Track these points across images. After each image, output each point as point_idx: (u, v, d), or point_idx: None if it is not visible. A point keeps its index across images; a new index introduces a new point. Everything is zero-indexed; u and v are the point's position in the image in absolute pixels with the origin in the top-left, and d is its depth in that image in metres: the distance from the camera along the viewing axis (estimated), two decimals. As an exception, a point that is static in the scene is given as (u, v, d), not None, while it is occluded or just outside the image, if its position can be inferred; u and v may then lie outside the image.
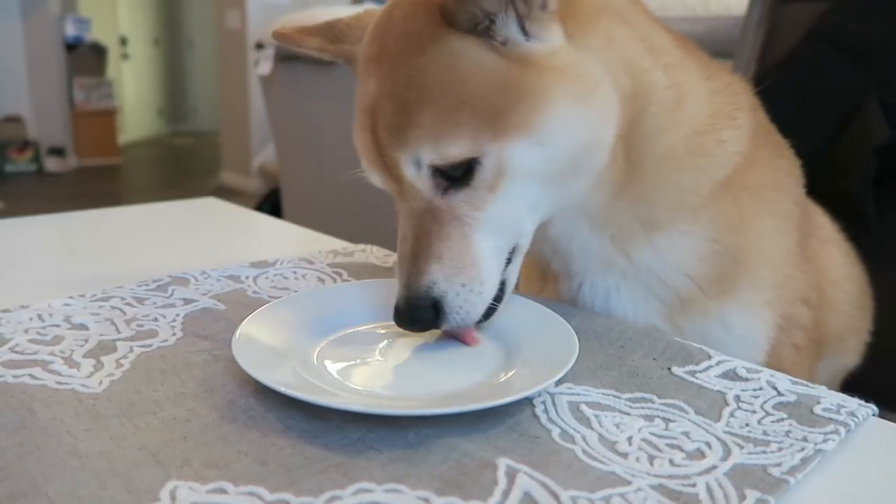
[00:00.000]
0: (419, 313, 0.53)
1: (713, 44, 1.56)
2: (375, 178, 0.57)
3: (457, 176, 0.52)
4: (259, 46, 2.42)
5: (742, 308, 0.64)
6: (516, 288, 0.60)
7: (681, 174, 0.61)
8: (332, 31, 0.65)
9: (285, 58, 2.31)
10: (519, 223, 0.55)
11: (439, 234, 0.53)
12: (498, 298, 0.55)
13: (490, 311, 0.55)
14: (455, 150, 0.51)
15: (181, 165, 7.16)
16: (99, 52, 6.61)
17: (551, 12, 0.52)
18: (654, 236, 0.62)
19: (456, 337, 0.56)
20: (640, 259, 0.62)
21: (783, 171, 0.68)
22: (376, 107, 0.53)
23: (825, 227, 0.81)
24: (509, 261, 0.56)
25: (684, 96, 0.60)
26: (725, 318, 0.64)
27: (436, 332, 0.57)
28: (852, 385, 0.86)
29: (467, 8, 0.51)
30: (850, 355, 0.83)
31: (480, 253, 0.53)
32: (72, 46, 6.24)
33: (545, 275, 0.71)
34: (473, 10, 0.51)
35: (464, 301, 0.53)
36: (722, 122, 0.62)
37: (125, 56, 8.35)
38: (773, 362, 0.66)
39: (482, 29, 0.52)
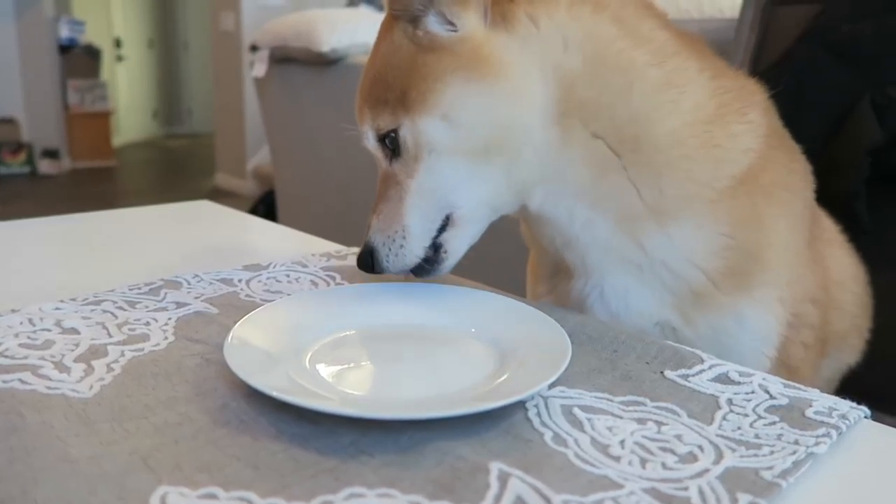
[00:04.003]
0: (362, 256, 0.64)
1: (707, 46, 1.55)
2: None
3: (392, 147, 0.62)
4: (253, 48, 2.42)
5: (756, 304, 0.64)
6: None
7: (690, 163, 0.61)
8: None
9: (279, 60, 2.30)
10: (450, 194, 0.62)
11: (384, 195, 0.64)
12: (434, 261, 0.64)
13: (422, 270, 0.64)
14: (383, 122, 0.62)
15: (176, 168, 7.15)
16: (93, 54, 6.59)
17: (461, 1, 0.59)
18: (667, 226, 0.62)
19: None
20: (654, 250, 0.63)
21: (796, 173, 0.69)
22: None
23: (829, 230, 0.82)
24: (444, 228, 0.63)
25: (679, 81, 0.61)
26: (740, 313, 0.64)
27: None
28: (848, 385, 0.86)
29: (395, 3, 0.61)
30: (852, 353, 0.84)
31: (407, 214, 0.62)
32: (66, 48, 6.21)
33: (556, 275, 0.71)
34: (403, 5, 0.60)
35: (388, 251, 0.63)
36: (731, 116, 0.63)
37: (119, 58, 8.33)
38: (783, 358, 0.67)
39: (413, 20, 0.60)
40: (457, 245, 0.64)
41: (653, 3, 0.65)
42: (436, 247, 0.63)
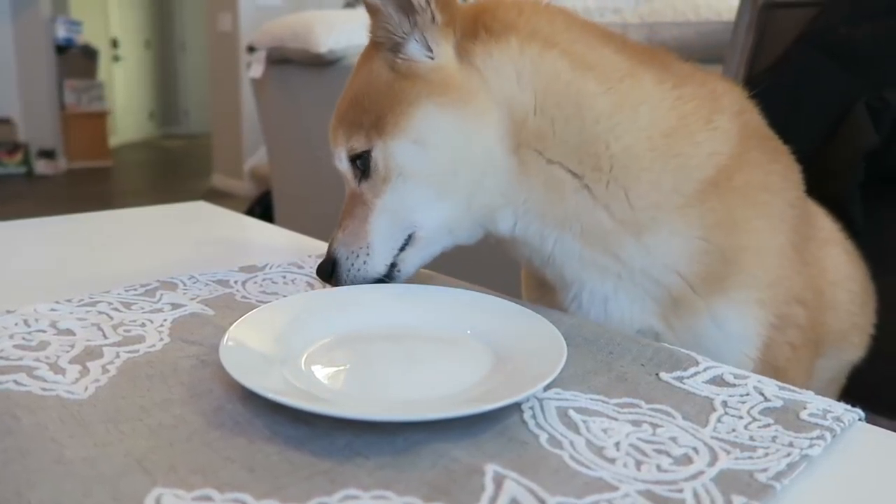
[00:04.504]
0: (322, 266, 0.67)
1: (703, 48, 1.56)
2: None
3: (363, 168, 0.65)
4: (251, 49, 2.42)
5: (733, 306, 0.65)
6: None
7: (652, 174, 0.63)
8: None
9: (277, 61, 2.30)
10: (413, 214, 0.65)
11: (350, 212, 0.67)
12: (387, 276, 0.66)
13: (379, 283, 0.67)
14: (356, 144, 0.65)
15: (172, 168, 7.14)
16: (90, 54, 6.59)
17: (441, 26, 0.63)
18: (643, 237, 0.63)
19: None
20: (631, 260, 0.64)
21: (777, 174, 0.69)
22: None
23: (826, 229, 0.81)
24: (404, 247, 0.66)
25: (632, 101, 0.63)
26: (717, 315, 0.65)
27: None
28: (845, 387, 0.86)
29: (379, 30, 0.64)
30: (854, 351, 0.84)
31: (372, 232, 0.65)
32: (62, 48, 6.21)
33: (544, 284, 0.72)
34: (385, 29, 0.64)
35: (351, 265, 0.66)
36: (695, 125, 0.64)
37: (116, 58, 8.32)
38: (769, 360, 0.67)
39: (394, 47, 0.64)
40: (410, 264, 0.67)
41: (610, 31, 0.68)
42: (392, 263, 0.66)
